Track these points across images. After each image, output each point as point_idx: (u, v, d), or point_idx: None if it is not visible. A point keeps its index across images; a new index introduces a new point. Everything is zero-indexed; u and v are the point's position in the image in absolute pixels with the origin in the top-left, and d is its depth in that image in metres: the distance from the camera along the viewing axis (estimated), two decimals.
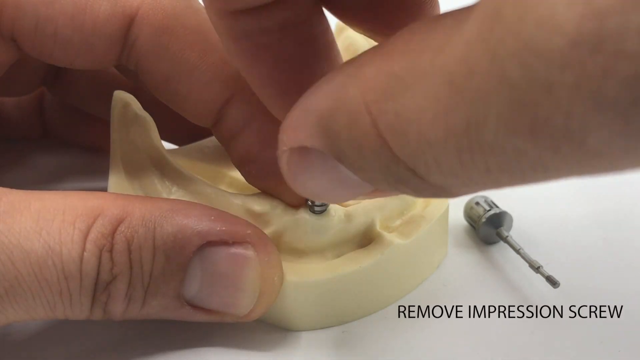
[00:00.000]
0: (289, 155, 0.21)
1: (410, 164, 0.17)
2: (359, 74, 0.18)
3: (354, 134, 0.18)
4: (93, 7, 0.28)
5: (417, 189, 0.18)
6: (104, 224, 0.25)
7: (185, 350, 0.28)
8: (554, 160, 0.15)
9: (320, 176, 0.21)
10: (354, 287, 0.29)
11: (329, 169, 0.20)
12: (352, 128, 0.18)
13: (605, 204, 0.36)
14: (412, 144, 0.17)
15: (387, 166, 0.18)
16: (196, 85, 0.28)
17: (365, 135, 0.18)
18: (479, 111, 0.15)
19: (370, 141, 0.18)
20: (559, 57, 0.13)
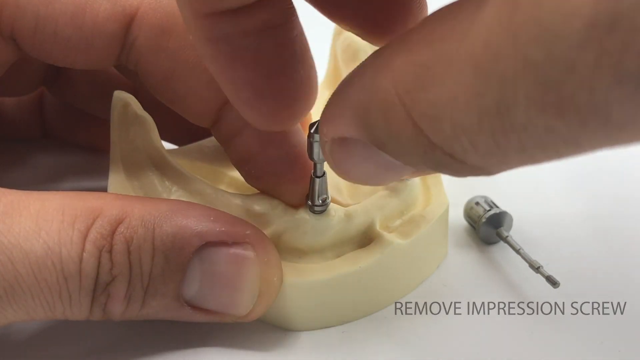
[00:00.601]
0: (331, 146, 0.22)
1: (447, 149, 0.18)
2: (388, 66, 0.19)
3: (390, 124, 0.19)
4: (93, 6, 0.28)
5: (457, 170, 0.19)
6: (104, 224, 0.25)
7: (185, 350, 0.28)
8: (584, 135, 0.16)
9: (364, 163, 0.22)
10: (354, 287, 0.29)
11: (371, 156, 0.21)
12: (387, 119, 0.19)
13: (605, 204, 0.36)
14: (447, 130, 0.17)
15: (425, 152, 0.19)
16: (195, 85, 0.28)
17: (401, 124, 0.19)
18: (507, 93, 0.16)
19: (406, 130, 0.18)
20: (578, 38, 0.14)
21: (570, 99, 0.15)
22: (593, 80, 0.15)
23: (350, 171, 0.22)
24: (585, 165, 0.39)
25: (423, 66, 0.18)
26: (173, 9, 0.28)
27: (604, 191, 0.37)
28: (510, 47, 0.15)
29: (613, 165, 0.39)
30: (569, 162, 0.40)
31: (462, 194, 0.35)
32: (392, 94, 0.18)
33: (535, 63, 0.15)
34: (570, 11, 0.14)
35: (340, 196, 0.31)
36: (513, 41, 0.15)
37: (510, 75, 0.16)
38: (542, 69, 0.15)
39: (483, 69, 0.16)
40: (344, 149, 0.22)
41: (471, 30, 0.17)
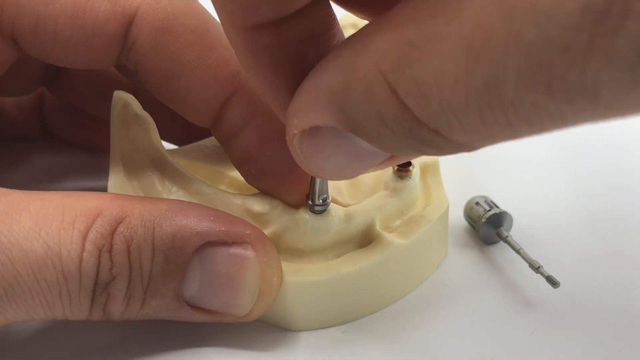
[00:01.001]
0: (300, 138, 0.22)
1: (432, 125, 0.18)
2: (369, 46, 0.19)
3: (373, 104, 0.19)
4: (93, 6, 0.28)
5: (440, 147, 0.19)
6: (103, 224, 0.25)
7: (185, 350, 0.28)
8: (571, 112, 0.16)
9: (335, 153, 0.22)
10: (354, 287, 0.29)
11: (343, 145, 0.21)
12: (369, 98, 0.19)
13: (605, 204, 0.36)
14: (434, 106, 0.18)
15: (410, 130, 0.19)
16: (195, 85, 0.28)
17: (384, 102, 0.19)
18: (498, 71, 0.16)
19: (390, 108, 0.18)
20: (573, 20, 0.15)
21: (561, 78, 0.15)
22: (585, 61, 0.15)
23: (320, 164, 0.22)
24: (585, 165, 0.39)
25: (409, 44, 0.18)
26: (173, 9, 0.28)
27: (604, 191, 0.37)
28: (503, 26, 0.16)
29: (613, 165, 0.39)
30: (570, 162, 0.40)
31: (462, 194, 0.35)
32: (375, 72, 0.18)
33: (528, 42, 0.15)
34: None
35: (340, 196, 0.31)
36: (506, 20, 0.16)
37: (502, 53, 0.16)
38: (535, 48, 0.15)
39: (474, 47, 0.16)
40: (313, 140, 0.22)
41: (462, 10, 0.17)
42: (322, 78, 0.21)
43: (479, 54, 0.16)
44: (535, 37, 0.15)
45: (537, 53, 0.15)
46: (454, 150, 0.19)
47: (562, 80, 0.15)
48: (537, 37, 0.15)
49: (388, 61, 0.18)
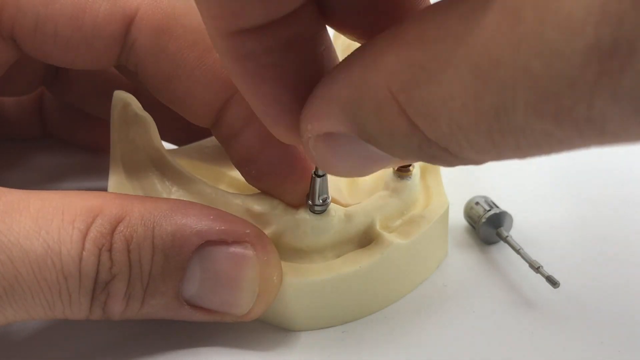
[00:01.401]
0: (314, 142, 0.22)
1: (442, 144, 0.19)
2: (379, 63, 0.19)
3: (383, 121, 0.19)
4: (93, 7, 0.28)
5: (449, 162, 0.20)
6: (103, 223, 0.25)
7: (185, 350, 0.28)
8: (579, 140, 0.16)
9: (349, 157, 0.22)
10: (354, 287, 0.29)
11: (358, 150, 0.21)
12: (380, 115, 0.19)
13: (605, 204, 0.36)
14: (444, 128, 0.18)
15: (420, 147, 0.19)
16: (195, 86, 0.28)
17: (395, 121, 0.19)
18: (506, 98, 0.16)
19: (401, 126, 0.19)
20: (580, 57, 0.15)
21: (569, 111, 0.16)
22: (592, 96, 0.15)
23: (335, 166, 0.22)
24: (585, 165, 0.39)
25: (418, 66, 0.18)
26: (173, 10, 0.28)
27: (605, 191, 0.37)
28: (512, 56, 0.16)
29: (613, 166, 0.39)
30: (569, 163, 0.40)
31: (462, 194, 0.35)
32: (385, 92, 0.19)
33: (535, 74, 0.16)
34: (573, 31, 0.15)
35: (340, 196, 0.31)
36: (514, 51, 0.16)
37: (510, 81, 0.16)
38: (542, 80, 0.16)
39: (482, 73, 0.16)
40: (328, 144, 0.22)
41: (470, 34, 0.17)
42: (334, 88, 0.21)
43: (487, 81, 0.16)
44: (543, 70, 0.15)
45: (544, 85, 0.16)
46: (462, 164, 0.20)
47: (570, 112, 0.16)
48: (544, 71, 0.15)
49: (397, 81, 0.18)
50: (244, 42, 0.21)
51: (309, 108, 0.22)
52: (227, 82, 0.28)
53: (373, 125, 0.20)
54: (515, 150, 0.18)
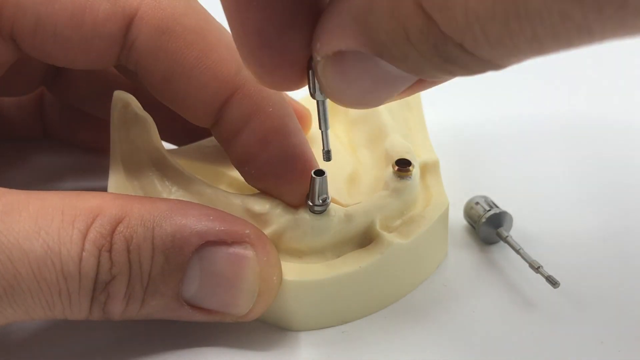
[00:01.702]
0: (324, 65, 0.21)
1: (458, 38, 0.18)
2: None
3: (398, 21, 0.19)
4: (93, 6, 0.28)
5: (466, 65, 0.19)
6: (103, 224, 0.25)
7: (185, 350, 0.28)
8: (598, 22, 0.16)
9: (359, 78, 0.21)
10: (354, 287, 0.29)
11: (368, 69, 0.21)
12: (394, 14, 0.19)
13: (605, 204, 0.36)
14: (460, 18, 0.17)
15: (435, 46, 0.19)
16: (195, 86, 0.28)
17: (410, 17, 0.18)
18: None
19: (416, 22, 0.18)
20: None
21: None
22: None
23: (345, 90, 0.22)
24: (585, 165, 0.39)
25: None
26: (172, 10, 0.28)
27: (605, 191, 0.37)
28: None
29: (613, 165, 0.39)
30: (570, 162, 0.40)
31: (462, 194, 0.35)
32: None
33: None
34: None
35: (340, 196, 0.31)
36: None
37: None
38: None
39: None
40: (337, 66, 0.21)
41: None
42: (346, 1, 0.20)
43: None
44: None
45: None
46: (479, 69, 0.19)
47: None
48: None
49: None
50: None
51: (319, 26, 0.21)
52: (226, 82, 0.28)
53: (386, 30, 0.19)
54: (532, 41, 0.17)
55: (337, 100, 0.22)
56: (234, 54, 0.28)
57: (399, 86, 0.22)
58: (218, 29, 0.29)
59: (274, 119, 0.28)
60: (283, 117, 0.28)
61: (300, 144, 0.29)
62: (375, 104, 0.23)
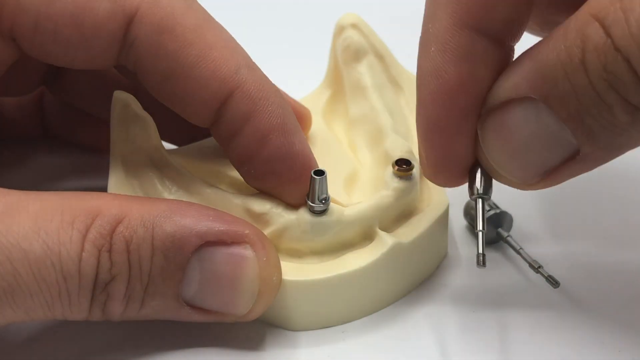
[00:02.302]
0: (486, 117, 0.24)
1: (625, 52, 0.21)
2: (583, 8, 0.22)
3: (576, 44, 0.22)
4: (93, 6, 0.28)
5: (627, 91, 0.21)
6: (103, 224, 0.25)
7: (185, 350, 0.28)
8: None
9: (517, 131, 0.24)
10: (353, 287, 0.29)
11: (528, 119, 0.23)
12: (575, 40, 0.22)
13: (605, 204, 0.36)
14: (633, 28, 0.21)
15: (604, 66, 0.21)
16: (194, 85, 0.28)
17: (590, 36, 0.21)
18: None
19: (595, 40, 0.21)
20: None
21: None
22: None
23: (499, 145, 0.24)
24: None
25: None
26: (172, 9, 0.28)
27: (605, 191, 0.37)
28: None
29: (613, 165, 0.39)
30: None
31: (462, 194, 0.35)
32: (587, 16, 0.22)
33: None
34: None
35: (340, 196, 0.31)
36: None
37: None
38: None
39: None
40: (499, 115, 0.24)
41: None
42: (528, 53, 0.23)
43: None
44: None
45: None
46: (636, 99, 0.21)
47: None
48: None
49: (598, 6, 0.21)
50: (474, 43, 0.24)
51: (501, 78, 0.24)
52: (225, 81, 0.28)
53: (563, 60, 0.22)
54: None
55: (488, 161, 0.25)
56: (233, 53, 0.28)
57: (552, 152, 0.24)
58: (217, 28, 0.29)
59: (273, 117, 0.28)
60: (282, 116, 0.28)
61: (300, 142, 0.29)
62: (521, 172, 0.25)
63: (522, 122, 0.23)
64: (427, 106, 0.26)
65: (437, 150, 0.26)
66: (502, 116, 0.24)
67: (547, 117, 0.23)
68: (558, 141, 0.23)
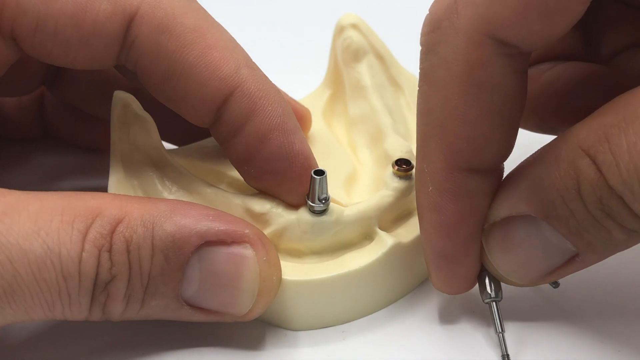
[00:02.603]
0: (490, 230, 0.26)
1: (619, 191, 0.22)
2: (568, 137, 0.24)
3: (571, 176, 0.23)
4: (93, 6, 0.28)
5: (622, 220, 0.23)
6: (103, 224, 0.25)
7: (184, 350, 0.28)
8: None
9: (520, 245, 0.26)
10: (353, 287, 0.29)
11: (530, 234, 0.25)
12: (569, 171, 0.23)
13: None
14: (624, 174, 0.22)
15: (599, 199, 0.23)
16: (194, 84, 0.28)
17: (583, 172, 0.23)
18: None
19: (588, 176, 0.23)
20: None
21: None
22: None
23: (503, 257, 0.26)
24: None
25: (608, 125, 0.22)
26: (172, 9, 0.28)
27: None
28: None
29: None
30: None
31: None
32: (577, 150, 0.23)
33: None
34: None
35: (340, 196, 0.31)
36: None
37: None
38: None
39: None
40: (503, 230, 0.26)
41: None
42: (521, 173, 0.25)
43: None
44: None
45: None
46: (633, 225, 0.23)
47: None
48: None
49: (589, 140, 0.23)
50: (468, 180, 0.25)
51: (495, 197, 0.26)
52: (225, 81, 0.28)
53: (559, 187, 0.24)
54: None
55: (495, 269, 0.27)
56: (233, 53, 0.28)
57: (554, 258, 0.26)
58: (217, 28, 0.29)
59: (273, 117, 0.28)
60: (282, 116, 0.28)
61: (300, 142, 0.29)
62: (527, 277, 0.27)
63: (525, 236, 0.25)
64: (430, 238, 0.27)
65: (446, 272, 0.28)
66: (505, 231, 0.26)
67: (547, 232, 0.25)
68: (559, 249, 0.25)
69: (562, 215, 0.24)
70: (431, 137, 0.25)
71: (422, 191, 0.27)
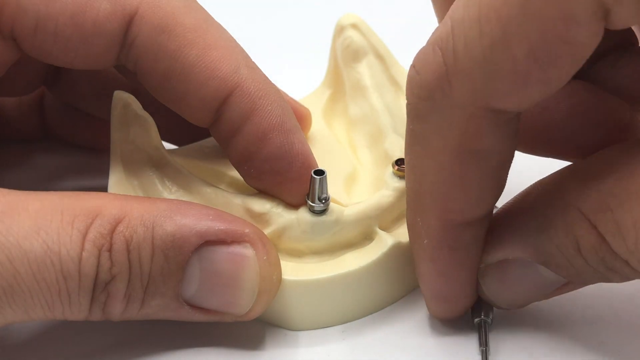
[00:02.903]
0: (485, 270, 0.27)
1: (625, 257, 0.23)
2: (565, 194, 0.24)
3: (571, 237, 0.24)
4: (93, 6, 0.28)
5: (626, 276, 0.24)
6: (103, 224, 0.25)
7: (184, 350, 0.28)
8: None
9: (516, 284, 0.26)
10: (353, 287, 0.29)
11: (527, 274, 0.26)
12: (569, 232, 0.24)
13: None
14: (631, 245, 0.22)
15: (603, 260, 0.23)
16: (194, 84, 0.28)
17: (584, 236, 0.23)
18: None
19: (589, 240, 0.23)
20: None
21: None
22: None
23: (500, 293, 0.27)
24: None
25: (610, 193, 0.23)
26: (172, 9, 0.28)
27: None
28: None
29: None
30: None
31: None
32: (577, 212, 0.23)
33: None
34: None
35: (340, 196, 0.31)
36: None
37: None
38: None
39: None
40: (499, 271, 0.26)
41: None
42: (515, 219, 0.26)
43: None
44: None
45: None
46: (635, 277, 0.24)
47: None
48: None
49: (589, 205, 0.23)
50: (463, 233, 0.26)
51: (490, 236, 0.26)
52: (225, 81, 0.28)
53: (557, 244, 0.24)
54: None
55: (490, 300, 0.28)
56: (233, 52, 0.28)
57: (550, 289, 0.26)
58: (217, 28, 0.29)
59: (272, 117, 0.28)
60: (282, 116, 0.29)
61: (299, 142, 0.29)
62: (523, 305, 0.28)
63: (521, 276, 0.26)
64: (427, 283, 0.28)
65: (444, 307, 0.28)
66: (501, 272, 0.26)
67: (545, 272, 0.25)
68: (554, 283, 0.26)
69: (561, 264, 0.25)
70: (425, 196, 0.26)
71: (417, 243, 0.27)
